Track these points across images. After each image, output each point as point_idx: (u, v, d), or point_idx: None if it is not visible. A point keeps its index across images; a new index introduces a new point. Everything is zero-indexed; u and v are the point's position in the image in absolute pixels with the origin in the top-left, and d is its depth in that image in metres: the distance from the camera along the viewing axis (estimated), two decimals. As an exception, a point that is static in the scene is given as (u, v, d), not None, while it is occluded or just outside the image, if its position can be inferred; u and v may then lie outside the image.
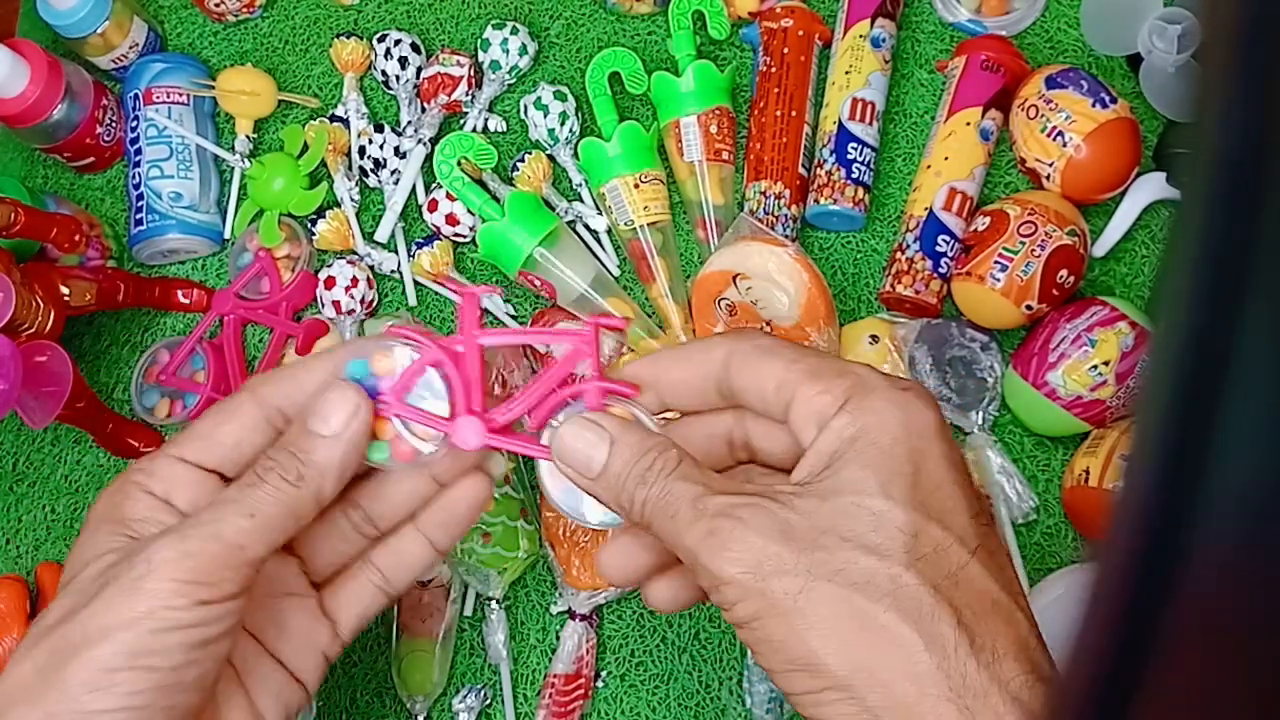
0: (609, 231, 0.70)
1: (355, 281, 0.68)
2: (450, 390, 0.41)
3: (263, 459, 0.40)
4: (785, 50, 0.68)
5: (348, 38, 0.74)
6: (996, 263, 0.62)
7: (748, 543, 0.34)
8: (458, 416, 0.41)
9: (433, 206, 0.69)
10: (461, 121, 0.73)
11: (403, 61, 0.72)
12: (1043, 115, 0.64)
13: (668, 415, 0.42)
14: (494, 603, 0.62)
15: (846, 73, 0.68)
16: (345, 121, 0.73)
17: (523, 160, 0.69)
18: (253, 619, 0.43)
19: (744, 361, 0.39)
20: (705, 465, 0.39)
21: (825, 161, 0.67)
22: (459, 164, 0.68)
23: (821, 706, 0.33)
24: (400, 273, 0.71)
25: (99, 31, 0.72)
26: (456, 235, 0.70)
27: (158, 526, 0.40)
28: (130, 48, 0.74)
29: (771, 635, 0.34)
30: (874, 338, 0.65)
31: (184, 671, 0.37)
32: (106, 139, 0.74)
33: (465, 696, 0.62)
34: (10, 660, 0.38)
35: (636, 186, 0.68)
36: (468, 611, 0.64)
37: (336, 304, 0.68)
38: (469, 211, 0.69)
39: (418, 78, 0.73)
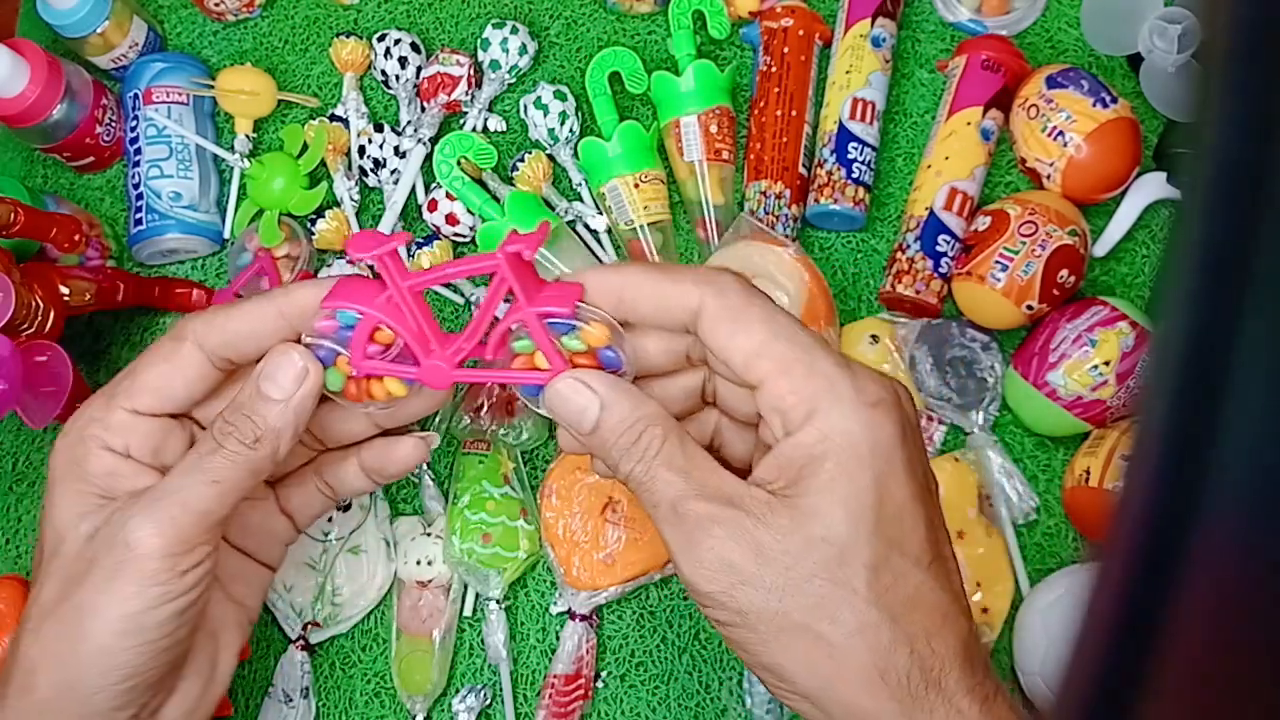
0: (609, 231, 0.70)
1: (355, 281, 0.68)
2: (404, 342, 0.43)
3: (220, 422, 0.42)
4: (785, 50, 0.68)
5: (347, 37, 0.74)
6: (997, 262, 0.62)
7: (724, 561, 0.37)
8: (421, 363, 0.43)
9: (432, 206, 0.69)
10: (461, 121, 0.73)
11: (402, 61, 0.72)
12: (1043, 115, 0.64)
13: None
14: (494, 603, 0.62)
15: (847, 72, 0.68)
16: (345, 121, 0.73)
17: (523, 160, 0.69)
18: None
19: (715, 324, 0.39)
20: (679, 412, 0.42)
21: (825, 161, 0.67)
22: (459, 164, 0.68)
23: (790, 703, 0.39)
24: (400, 272, 0.71)
25: (99, 31, 0.72)
26: (456, 235, 0.70)
27: (123, 481, 0.42)
28: (130, 47, 0.74)
29: (743, 642, 0.38)
30: (874, 338, 0.65)
31: (178, 631, 0.41)
32: (106, 139, 0.74)
33: (465, 696, 0.62)
34: (16, 640, 0.41)
35: (636, 186, 0.68)
36: (468, 611, 0.64)
37: (336, 304, 0.68)
38: (469, 211, 0.69)
39: (417, 77, 0.73)
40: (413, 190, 0.72)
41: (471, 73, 0.72)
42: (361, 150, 0.72)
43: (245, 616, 0.49)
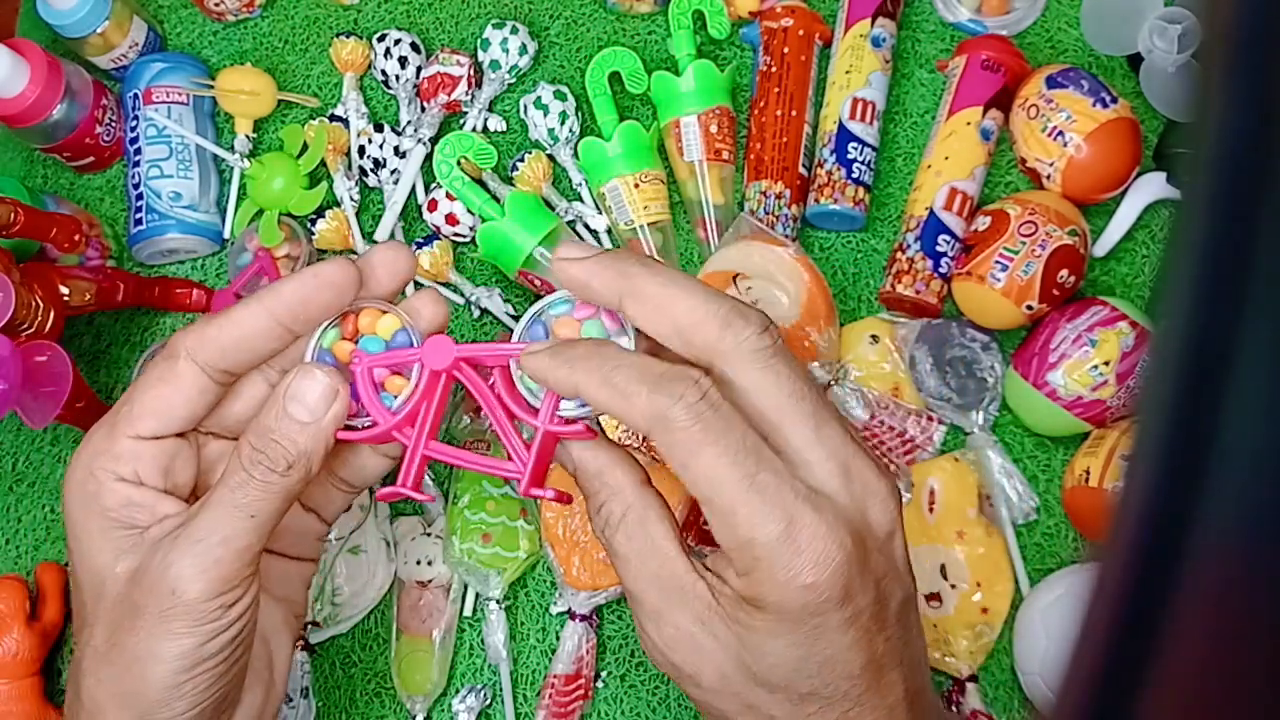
0: (609, 231, 0.70)
1: (355, 281, 0.68)
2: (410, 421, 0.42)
3: (248, 449, 0.41)
4: (785, 50, 0.68)
5: (347, 37, 0.74)
6: (997, 262, 0.62)
7: (666, 658, 0.40)
8: (387, 423, 0.42)
9: (432, 206, 0.69)
10: (461, 121, 0.73)
11: (402, 61, 0.72)
12: (1043, 115, 0.64)
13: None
14: (494, 603, 0.62)
15: (847, 72, 0.68)
16: (345, 121, 0.73)
17: (522, 160, 0.69)
18: None
19: (666, 455, 0.38)
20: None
21: (825, 161, 0.67)
22: (459, 164, 0.68)
23: None
24: (400, 272, 0.71)
25: (99, 31, 0.72)
26: (456, 235, 0.70)
27: (142, 510, 0.41)
28: (130, 47, 0.74)
29: (694, 706, 0.41)
30: (874, 338, 0.65)
31: (235, 653, 0.41)
32: (106, 139, 0.74)
33: (465, 697, 0.62)
34: (76, 682, 0.41)
35: (636, 186, 0.68)
36: (468, 611, 0.64)
37: (336, 304, 0.68)
38: (469, 211, 0.69)
39: (417, 77, 0.73)
40: (413, 190, 0.72)
41: (471, 73, 0.72)
42: (361, 150, 0.72)
43: (292, 612, 0.48)
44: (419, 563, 0.63)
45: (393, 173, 0.71)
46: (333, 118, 0.73)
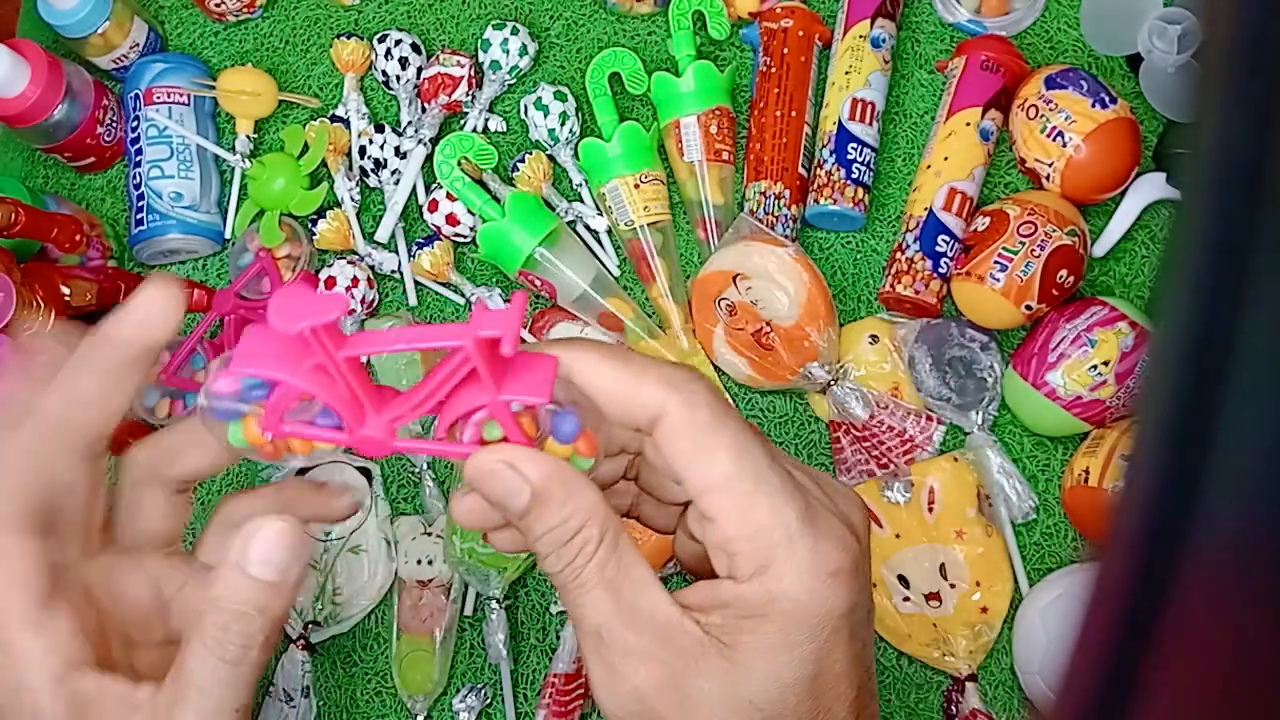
0: (609, 231, 0.70)
1: (356, 281, 0.68)
2: (335, 411, 0.36)
3: (213, 629, 0.36)
4: (785, 50, 0.69)
5: (348, 38, 0.74)
6: (996, 263, 0.62)
7: (644, 703, 0.34)
8: (352, 432, 0.36)
9: (433, 207, 0.69)
10: (462, 122, 0.73)
11: (403, 62, 0.72)
12: (1042, 115, 0.64)
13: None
14: (494, 602, 0.62)
15: (846, 73, 0.68)
16: (346, 122, 0.73)
17: (523, 160, 0.69)
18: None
19: (675, 438, 0.34)
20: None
21: (825, 162, 0.67)
22: (459, 164, 0.68)
23: None
24: (401, 273, 0.71)
25: (99, 31, 0.72)
26: (457, 235, 0.70)
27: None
28: (131, 48, 0.74)
29: None
30: (874, 337, 0.66)
31: None
32: (107, 139, 0.74)
33: (465, 696, 0.62)
34: None
35: (636, 186, 0.68)
36: (468, 611, 0.64)
37: (337, 304, 0.68)
38: (469, 212, 0.69)
39: (418, 78, 0.73)
40: (413, 191, 0.72)
41: (472, 73, 0.72)
42: (362, 151, 0.72)
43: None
44: (419, 562, 0.63)
45: (393, 173, 0.71)
46: (333, 118, 0.73)
